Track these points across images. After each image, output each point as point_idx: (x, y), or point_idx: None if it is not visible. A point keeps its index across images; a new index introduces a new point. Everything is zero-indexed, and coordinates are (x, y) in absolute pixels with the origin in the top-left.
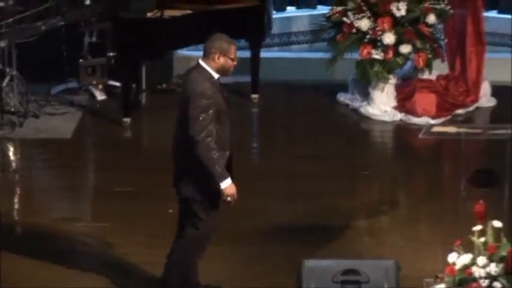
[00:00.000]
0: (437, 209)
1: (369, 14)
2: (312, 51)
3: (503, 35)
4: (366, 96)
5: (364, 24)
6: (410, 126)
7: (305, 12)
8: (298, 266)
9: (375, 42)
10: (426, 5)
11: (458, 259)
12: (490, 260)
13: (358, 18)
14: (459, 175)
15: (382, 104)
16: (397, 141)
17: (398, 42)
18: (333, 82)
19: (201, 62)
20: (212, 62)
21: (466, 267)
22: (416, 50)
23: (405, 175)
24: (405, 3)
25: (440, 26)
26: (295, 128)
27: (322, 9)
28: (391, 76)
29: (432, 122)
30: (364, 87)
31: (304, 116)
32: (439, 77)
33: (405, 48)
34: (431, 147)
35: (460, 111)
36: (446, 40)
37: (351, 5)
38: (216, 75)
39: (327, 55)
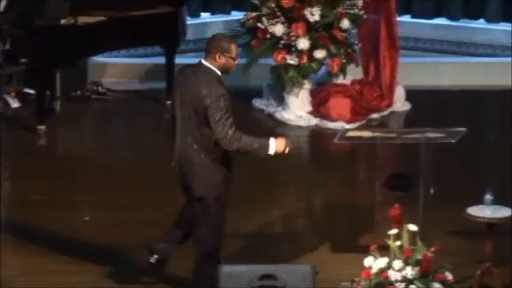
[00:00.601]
0: (354, 213)
1: (283, 20)
2: None
3: (416, 39)
4: (281, 101)
5: (279, 29)
6: (326, 131)
7: (219, 18)
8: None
9: (290, 48)
10: (340, 10)
11: (374, 263)
12: (406, 263)
13: (272, 24)
14: (374, 179)
15: (297, 109)
16: (312, 146)
17: (313, 47)
18: (248, 87)
19: (204, 62)
20: (214, 62)
21: (382, 271)
22: (330, 55)
23: (321, 179)
24: (319, 9)
25: (354, 31)
26: None
27: (237, 15)
28: (305, 81)
29: (347, 126)
30: (279, 93)
31: None
32: (353, 82)
33: (319, 53)
34: (346, 151)
35: (374, 115)
36: (360, 45)
37: (265, 10)
38: (220, 75)
39: (241, 61)
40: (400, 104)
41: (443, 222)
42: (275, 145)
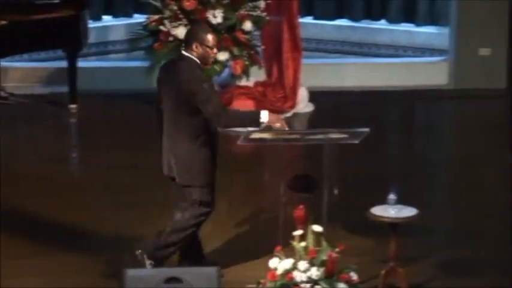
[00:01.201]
0: (258, 214)
1: (185, 22)
2: (129, 60)
3: (319, 40)
4: None
5: (181, 32)
6: (229, 132)
7: (122, 21)
8: (121, 275)
9: None
10: (242, 12)
11: (279, 264)
12: (311, 264)
13: (174, 26)
14: (278, 181)
15: None
16: None
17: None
18: (152, 91)
19: (184, 53)
20: (192, 52)
21: (288, 272)
22: (233, 57)
23: (225, 182)
24: (221, 11)
25: (257, 33)
26: (115, 138)
27: (139, 18)
28: None
29: (251, 128)
30: None
31: (123, 125)
32: (256, 84)
33: (222, 56)
34: (250, 153)
35: None
36: (263, 47)
37: (167, 13)
38: (199, 63)
39: (145, 63)
40: (303, 105)
41: (347, 223)
42: (268, 116)
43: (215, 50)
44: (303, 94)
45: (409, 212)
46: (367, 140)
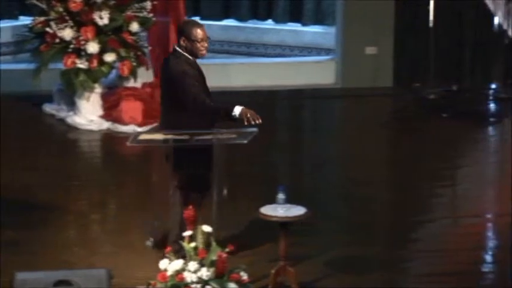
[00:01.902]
0: (149, 215)
1: (72, 24)
2: (16, 63)
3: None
4: (72, 106)
5: (67, 33)
6: (118, 134)
7: (7, 23)
8: (10, 278)
9: (79, 52)
10: (129, 13)
11: (169, 265)
12: (201, 264)
13: (61, 28)
14: (168, 181)
15: (88, 114)
16: (105, 150)
17: (103, 51)
18: (39, 93)
19: (176, 48)
20: (181, 46)
21: (178, 273)
22: (120, 58)
23: (116, 183)
24: (108, 12)
25: (144, 34)
26: (2, 140)
27: (25, 20)
28: (96, 85)
29: (139, 129)
30: (70, 97)
31: (11, 128)
32: (144, 85)
33: (109, 57)
34: (140, 154)
35: None
36: (150, 48)
37: (53, 14)
38: (192, 58)
39: (31, 66)
40: None
41: (237, 223)
42: (241, 110)
43: (205, 44)
44: None
45: (298, 211)
46: (256, 139)
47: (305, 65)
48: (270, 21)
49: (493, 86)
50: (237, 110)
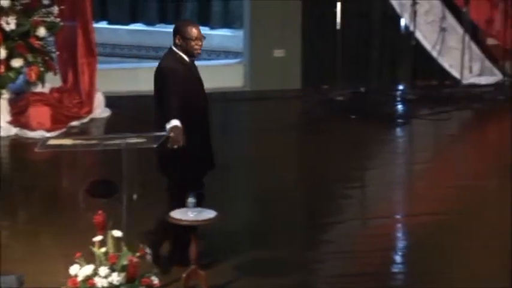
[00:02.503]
0: (59, 221)
1: None
2: None
3: (114, 45)
4: None
5: None
6: (27, 140)
7: None
8: None
9: None
10: (36, 18)
11: (80, 271)
12: (112, 269)
13: None
14: (78, 187)
15: None
16: (14, 156)
17: (10, 56)
18: None
19: (172, 47)
20: (176, 45)
21: (89, 278)
22: (28, 63)
23: (24, 190)
24: (14, 17)
25: (52, 39)
26: None
27: None
28: (4, 91)
29: (48, 135)
30: None
31: None
32: (52, 90)
33: (17, 63)
34: (49, 160)
35: (75, 123)
36: (58, 53)
37: None
38: (186, 58)
39: None
40: (100, 110)
41: (148, 227)
42: (171, 127)
43: (199, 42)
44: (99, 99)
45: (208, 214)
46: (166, 143)
47: (214, 69)
48: None
49: (400, 87)
50: (171, 123)
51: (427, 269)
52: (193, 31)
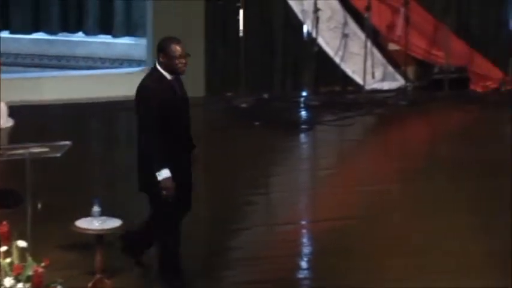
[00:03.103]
0: None
1: None
2: None
3: (16, 54)
4: None
5: None
6: None
7: None
8: None
9: None
10: None
11: None
12: (17, 280)
13: None
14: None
15: None
16: None
17: None
18: None
19: (156, 65)
20: (159, 63)
21: None
22: None
23: None
24: None
25: None
26: None
27: None
28: None
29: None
30: None
31: None
32: None
33: None
34: None
35: None
36: None
37: None
38: (168, 76)
39: None
40: (4, 120)
41: (52, 237)
42: (165, 179)
43: (182, 60)
44: (2, 109)
45: (113, 223)
46: (70, 153)
47: (117, 77)
48: (80, 33)
49: (304, 93)
50: (162, 175)
51: (333, 274)
52: (177, 49)
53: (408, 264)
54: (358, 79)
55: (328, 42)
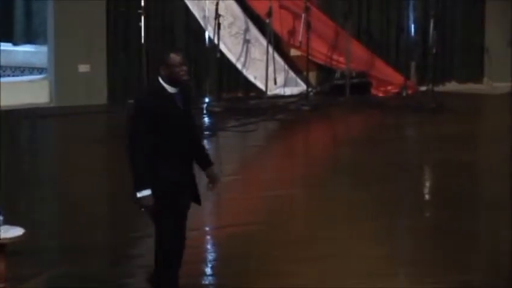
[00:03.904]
0: None
1: None
2: None
3: None
4: None
5: None
6: None
7: None
8: None
9: None
10: None
11: None
12: None
13: None
14: None
15: None
16: None
17: None
18: None
19: (159, 79)
20: (162, 77)
21: None
22: None
23: None
24: None
25: None
26: None
27: None
28: None
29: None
30: None
31: None
32: None
33: None
34: None
35: None
36: None
37: None
38: (169, 88)
39: None
40: None
41: None
42: (144, 198)
43: (183, 67)
44: None
45: (16, 231)
46: None
47: (18, 85)
48: None
49: (206, 99)
50: (142, 194)
51: (237, 280)
52: (176, 57)
53: (313, 269)
54: (261, 85)
55: (230, 49)
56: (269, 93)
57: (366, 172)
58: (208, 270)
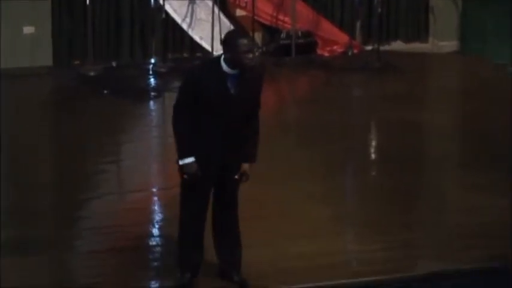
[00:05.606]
0: None
1: None
2: None
3: None
4: None
5: None
6: None
7: None
8: None
9: None
10: None
11: None
12: None
13: None
14: None
15: None
16: None
17: None
18: None
19: (221, 58)
20: (225, 58)
21: None
22: None
23: None
24: None
25: None
26: None
27: None
28: None
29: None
30: None
31: None
32: None
33: None
34: None
35: None
36: None
37: None
38: (229, 70)
39: None
40: None
41: None
42: (188, 165)
43: (249, 55)
44: None
45: None
46: None
47: None
48: None
49: (152, 60)
50: (185, 161)
51: None
52: (243, 44)
53: (260, 228)
54: (206, 45)
55: (175, 9)
56: (215, 53)
57: (311, 132)
58: (156, 231)
